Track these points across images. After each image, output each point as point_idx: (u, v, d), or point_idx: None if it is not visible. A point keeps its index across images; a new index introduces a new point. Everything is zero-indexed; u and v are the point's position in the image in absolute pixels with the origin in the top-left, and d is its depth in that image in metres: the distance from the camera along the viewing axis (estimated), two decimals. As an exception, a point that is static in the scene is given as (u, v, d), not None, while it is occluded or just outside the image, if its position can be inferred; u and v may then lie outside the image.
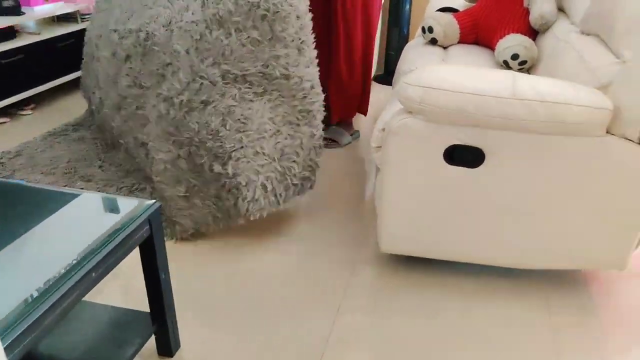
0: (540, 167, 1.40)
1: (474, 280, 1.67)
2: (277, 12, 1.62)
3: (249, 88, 1.69)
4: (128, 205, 1.20)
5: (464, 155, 1.43)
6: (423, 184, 1.48)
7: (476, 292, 1.62)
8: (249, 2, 1.62)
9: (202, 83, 1.66)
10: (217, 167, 1.68)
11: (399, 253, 1.64)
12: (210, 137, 1.67)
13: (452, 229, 1.54)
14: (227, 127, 1.67)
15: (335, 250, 1.80)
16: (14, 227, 1.11)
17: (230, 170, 1.67)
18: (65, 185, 2.11)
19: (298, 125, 1.78)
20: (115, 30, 2.01)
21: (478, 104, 1.33)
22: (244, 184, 1.67)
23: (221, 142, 1.66)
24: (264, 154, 1.71)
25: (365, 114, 2.61)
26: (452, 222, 1.53)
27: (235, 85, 1.68)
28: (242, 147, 1.67)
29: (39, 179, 2.17)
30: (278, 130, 1.74)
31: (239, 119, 1.68)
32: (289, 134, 1.76)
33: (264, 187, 1.71)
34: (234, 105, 1.67)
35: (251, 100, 1.70)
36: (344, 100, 2.48)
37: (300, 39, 1.70)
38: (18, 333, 0.85)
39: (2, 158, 2.35)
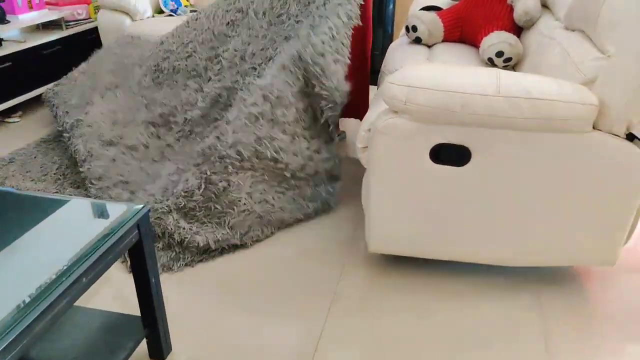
0: (527, 165, 1.42)
1: (465, 279, 1.68)
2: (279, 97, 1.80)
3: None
4: (117, 210, 1.20)
5: (450, 154, 1.44)
6: (410, 184, 1.49)
7: (467, 291, 1.63)
8: None
9: None
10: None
11: (388, 253, 1.65)
12: None
13: (441, 228, 1.55)
14: None
15: (325, 251, 1.81)
16: (4, 234, 1.10)
17: None
18: (56, 192, 2.10)
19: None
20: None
21: (463, 102, 1.34)
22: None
23: None
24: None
25: (361, 119, 2.60)
26: (440, 221, 1.54)
27: None
28: None
29: (29, 186, 2.16)
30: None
31: None
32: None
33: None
34: None
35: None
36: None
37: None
38: (10, 340, 0.85)
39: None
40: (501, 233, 1.54)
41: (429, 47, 2.33)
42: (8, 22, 2.90)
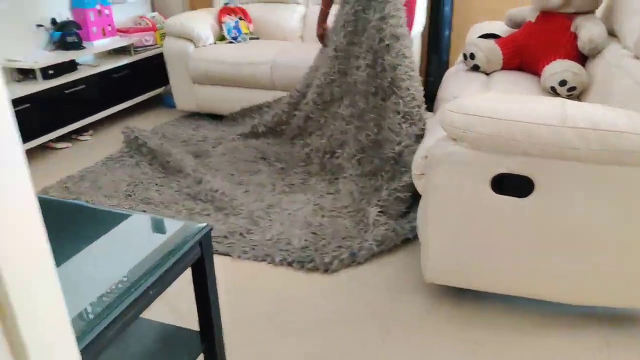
0: (594, 198, 1.36)
1: (523, 313, 1.62)
2: None
3: None
4: (181, 227, 1.26)
5: (512, 185, 1.41)
6: (468, 213, 1.47)
7: (525, 326, 1.57)
8: None
9: None
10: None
11: (445, 284, 1.62)
12: None
13: (500, 260, 1.51)
14: None
15: (379, 276, 1.80)
16: (74, 244, 1.17)
17: None
18: (130, 207, 2.21)
19: None
20: None
21: (526, 131, 1.32)
22: None
23: None
24: None
25: None
26: (499, 254, 1.50)
27: None
28: None
29: (103, 202, 2.28)
30: None
31: None
32: None
33: None
34: None
35: None
36: None
37: None
38: (82, 346, 0.90)
39: (67, 182, 2.49)
40: (563, 269, 1.48)
41: (487, 74, 2.32)
42: (84, 48, 3.12)
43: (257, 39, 3.46)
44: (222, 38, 3.36)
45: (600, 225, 1.40)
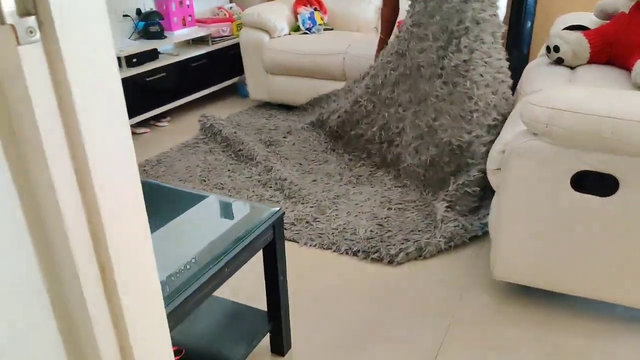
0: (684, 198, 1.28)
1: (596, 316, 1.55)
2: None
3: None
4: (256, 211, 1.31)
5: (594, 182, 1.35)
6: (545, 211, 1.42)
7: (598, 330, 1.50)
8: None
9: None
10: None
11: (514, 282, 1.57)
12: None
13: (576, 261, 1.45)
14: None
15: (447, 271, 1.78)
16: (158, 221, 1.25)
17: None
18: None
19: None
20: None
21: (615, 128, 1.25)
22: None
23: None
24: None
25: None
26: (576, 254, 1.44)
27: None
28: None
29: (178, 185, 2.41)
30: None
31: None
32: None
33: None
34: None
35: None
36: None
37: None
38: (168, 312, 0.96)
39: (145, 166, 2.64)
40: (648, 274, 1.39)
41: (572, 68, 2.20)
42: (165, 37, 3.28)
43: (332, 29, 3.48)
44: (296, 29, 3.41)
45: (693, 231, 1.30)
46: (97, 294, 0.62)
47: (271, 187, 2.33)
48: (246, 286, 1.73)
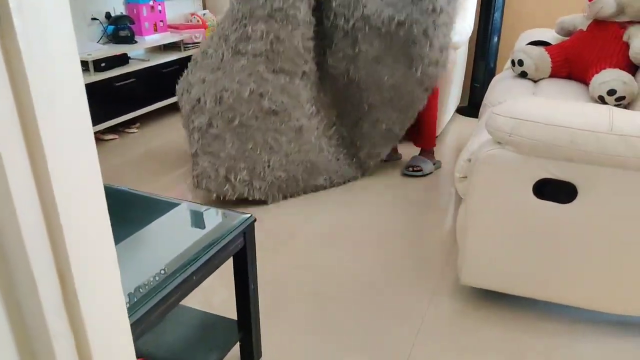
0: (638, 207, 1.34)
1: (560, 319, 1.60)
2: None
3: None
4: (226, 217, 1.30)
5: (554, 190, 1.40)
6: (509, 217, 1.46)
7: (562, 332, 1.55)
8: None
9: None
10: None
11: (481, 287, 1.61)
12: None
13: (539, 266, 1.50)
14: None
15: (414, 279, 1.80)
16: (124, 229, 1.23)
17: None
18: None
19: None
20: None
21: (573, 137, 1.30)
22: None
23: None
24: None
25: (417, 145, 2.66)
26: (539, 259, 1.49)
27: None
28: None
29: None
30: None
31: None
32: None
33: None
34: None
35: None
36: (425, 130, 2.54)
37: None
38: (132, 322, 0.95)
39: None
40: (605, 278, 1.45)
41: (535, 82, 2.28)
42: (136, 42, 3.25)
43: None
44: (267, 37, 3.42)
45: (647, 238, 1.36)
46: (56, 303, 0.61)
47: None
48: (220, 296, 1.71)
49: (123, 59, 3.12)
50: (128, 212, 1.32)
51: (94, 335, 0.68)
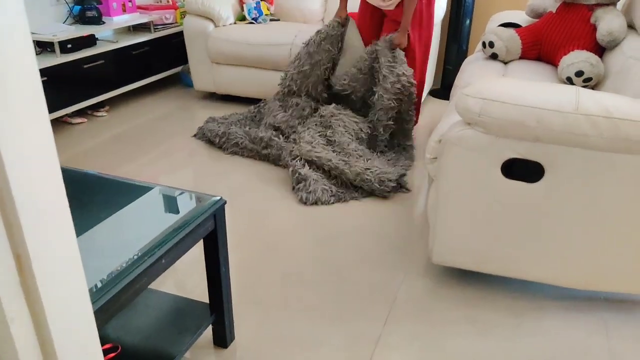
0: (602, 186, 1.38)
1: (527, 296, 1.64)
2: None
3: None
4: (197, 200, 1.29)
5: (522, 170, 1.42)
6: (478, 197, 1.48)
7: (529, 309, 1.59)
8: None
9: None
10: None
11: (451, 265, 1.64)
12: None
13: (507, 244, 1.53)
14: None
15: (387, 259, 1.82)
16: (94, 214, 1.21)
17: None
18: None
19: None
20: None
21: (540, 117, 1.32)
22: None
23: None
24: None
25: (415, 123, 2.68)
26: (508, 238, 1.52)
27: None
28: None
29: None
30: None
31: None
32: None
33: None
34: None
35: None
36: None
37: None
38: (97, 308, 0.93)
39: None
40: (570, 255, 1.49)
41: (505, 63, 2.30)
42: (103, 23, 3.15)
43: (278, 20, 3.46)
44: (242, 18, 3.36)
45: (607, 212, 1.40)
46: (12, 286, 0.60)
47: None
48: (194, 280, 1.70)
49: (90, 40, 3.03)
50: (98, 196, 1.30)
51: (54, 320, 0.67)
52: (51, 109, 2.77)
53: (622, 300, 1.63)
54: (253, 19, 3.34)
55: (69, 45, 2.88)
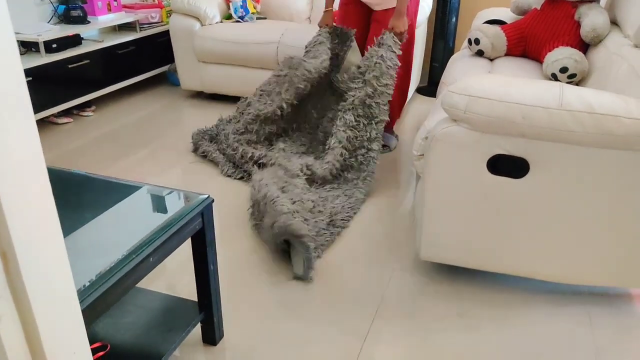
0: (587, 181, 1.40)
1: (514, 291, 1.66)
2: None
3: None
4: (184, 198, 1.28)
5: (507, 166, 1.44)
6: (465, 193, 1.50)
7: (515, 303, 1.61)
8: None
9: None
10: None
11: (439, 261, 1.65)
12: None
13: (493, 240, 1.55)
14: None
15: (375, 255, 1.83)
16: (83, 213, 1.20)
17: None
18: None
19: None
20: None
21: (525, 113, 1.34)
22: None
23: None
24: None
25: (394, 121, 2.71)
26: (494, 233, 1.54)
27: None
28: None
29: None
30: None
31: None
32: None
33: None
34: None
35: None
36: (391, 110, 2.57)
37: None
38: (84, 306, 0.93)
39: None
40: (556, 250, 1.51)
41: (491, 60, 2.32)
42: (88, 22, 3.12)
43: (264, 19, 3.45)
44: (228, 17, 3.36)
45: (591, 207, 1.43)
46: (0, 286, 0.59)
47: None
48: (184, 279, 1.70)
49: (76, 40, 3.00)
50: (85, 196, 1.29)
51: (42, 317, 0.66)
52: (37, 109, 2.74)
53: (605, 294, 1.66)
54: (239, 17, 3.33)
55: (54, 45, 2.85)
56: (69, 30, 2.94)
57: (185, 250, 1.83)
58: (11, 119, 0.56)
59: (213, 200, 1.30)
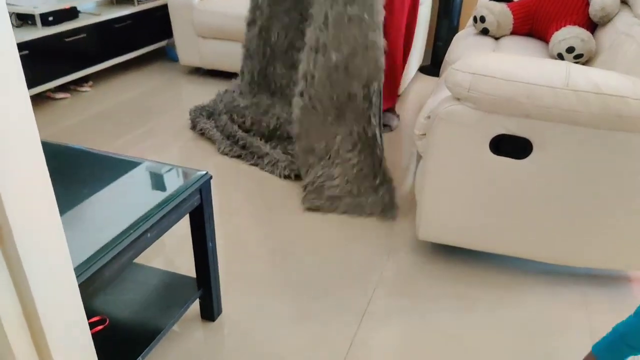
0: (590, 163, 1.38)
1: (511, 271, 1.66)
2: None
3: None
4: (182, 174, 1.27)
5: (510, 146, 1.42)
6: (466, 173, 1.48)
7: (512, 284, 1.61)
8: None
9: None
10: None
11: (437, 242, 1.65)
12: None
13: (494, 221, 1.54)
14: None
15: (374, 234, 1.83)
16: (82, 189, 1.19)
17: None
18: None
19: None
20: None
21: (530, 93, 1.32)
22: None
23: None
24: None
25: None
26: (494, 214, 1.53)
27: None
28: None
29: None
30: None
31: None
32: None
33: None
34: None
35: None
36: (389, 89, 2.53)
37: None
38: (81, 281, 0.92)
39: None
40: (556, 231, 1.50)
41: (496, 39, 2.28)
42: (86, -5, 3.06)
43: (263, -6, 3.38)
44: (227, -9, 3.29)
45: (594, 189, 1.41)
46: (-7, 257, 0.58)
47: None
48: (184, 255, 1.70)
49: (72, 13, 2.95)
50: (84, 171, 1.27)
51: (38, 289, 0.66)
52: (33, 84, 2.70)
53: (603, 276, 1.66)
54: (240, -9, 3.26)
55: (50, 18, 2.79)
56: (66, 2, 2.88)
57: (184, 227, 1.82)
58: (3, 91, 0.54)
59: (211, 177, 1.29)
